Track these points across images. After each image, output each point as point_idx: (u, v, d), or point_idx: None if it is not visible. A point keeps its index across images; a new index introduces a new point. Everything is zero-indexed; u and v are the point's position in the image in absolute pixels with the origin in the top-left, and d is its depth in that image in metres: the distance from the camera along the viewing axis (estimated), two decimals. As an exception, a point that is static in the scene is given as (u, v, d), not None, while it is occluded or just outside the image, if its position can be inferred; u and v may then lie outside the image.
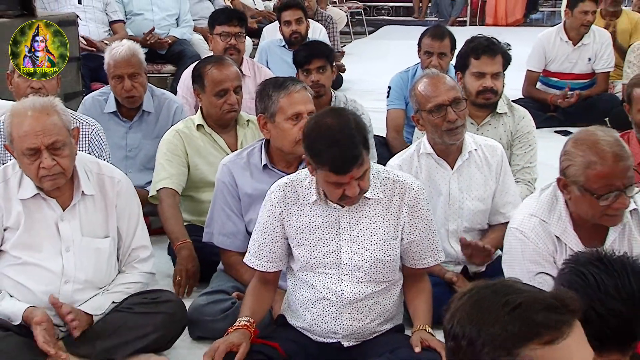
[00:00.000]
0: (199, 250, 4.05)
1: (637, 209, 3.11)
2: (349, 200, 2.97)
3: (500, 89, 4.48)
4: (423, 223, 3.16)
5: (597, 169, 2.84)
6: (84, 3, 7.11)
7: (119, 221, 3.44)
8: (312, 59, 4.90)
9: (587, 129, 3.01)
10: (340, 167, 2.86)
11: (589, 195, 2.89)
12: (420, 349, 3.02)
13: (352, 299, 3.11)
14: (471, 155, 3.83)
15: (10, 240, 3.30)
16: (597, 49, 7.16)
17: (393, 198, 3.11)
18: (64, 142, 3.19)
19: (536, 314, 1.49)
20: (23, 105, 3.25)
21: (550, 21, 14.39)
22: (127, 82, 4.81)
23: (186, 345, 3.59)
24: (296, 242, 3.14)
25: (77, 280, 3.33)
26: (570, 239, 3.08)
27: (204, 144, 4.40)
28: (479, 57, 4.45)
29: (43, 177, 3.18)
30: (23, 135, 3.15)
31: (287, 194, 3.14)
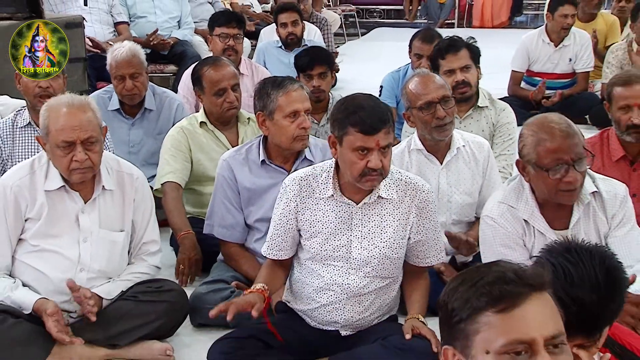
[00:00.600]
0: (200, 242, 4.05)
1: (598, 191, 3.14)
2: (370, 178, 2.93)
3: (473, 80, 4.49)
4: (430, 224, 3.16)
5: (546, 145, 2.93)
6: (89, 5, 7.09)
7: (134, 215, 3.46)
8: (315, 64, 4.88)
9: (539, 115, 3.13)
10: (369, 125, 2.87)
11: (541, 172, 2.96)
12: (410, 336, 3.02)
13: (356, 292, 3.11)
14: (459, 151, 3.84)
15: (31, 230, 3.31)
16: (577, 50, 7.19)
17: (404, 199, 3.11)
18: (97, 139, 3.23)
19: (493, 286, 1.59)
20: (59, 100, 3.29)
21: (533, 24, 14.37)
22: (129, 82, 4.82)
23: (188, 332, 3.59)
24: (309, 234, 3.13)
25: (92, 269, 3.34)
26: (538, 222, 3.14)
27: (207, 141, 4.40)
28: (444, 56, 4.50)
29: (74, 169, 3.21)
30: (60, 129, 3.18)
31: (303, 187, 3.12)
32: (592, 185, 3.13)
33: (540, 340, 1.58)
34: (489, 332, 1.60)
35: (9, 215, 3.28)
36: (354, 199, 3.07)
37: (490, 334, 1.59)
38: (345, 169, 2.99)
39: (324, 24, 9.11)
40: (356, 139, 2.90)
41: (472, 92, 4.50)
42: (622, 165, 3.82)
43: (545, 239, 3.11)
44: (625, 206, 3.16)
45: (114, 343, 3.35)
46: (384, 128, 2.89)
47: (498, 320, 1.59)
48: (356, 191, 3.06)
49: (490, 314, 1.59)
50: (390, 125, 2.94)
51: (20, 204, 3.29)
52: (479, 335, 1.61)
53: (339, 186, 3.07)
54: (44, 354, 3.23)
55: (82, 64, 6.07)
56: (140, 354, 3.36)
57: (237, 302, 2.99)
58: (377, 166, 2.90)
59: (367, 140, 2.89)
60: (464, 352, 1.64)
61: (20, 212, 3.29)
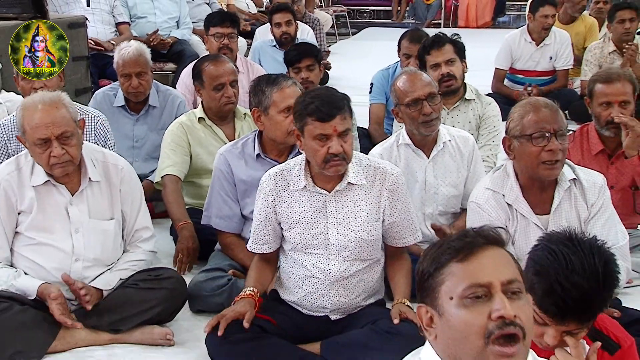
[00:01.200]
0: (198, 232, 4.04)
1: (578, 178, 3.17)
2: (333, 164, 2.97)
3: (458, 73, 4.53)
4: (402, 205, 3.17)
5: (531, 116, 3.03)
6: (92, 6, 7.08)
7: (122, 205, 3.45)
8: (302, 57, 4.90)
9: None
10: (324, 113, 2.93)
11: (525, 142, 3.02)
12: (398, 320, 3.04)
13: (339, 277, 3.11)
14: (445, 145, 3.85)
15: (25, 223, 3.30)
16: (558, 49, 7.22)
17: (375, 183, 3.12)
18: (72, 133, 3.21)
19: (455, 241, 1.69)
20: (33, 99, 3.27)
21: (516, 24, 14.38)
22: (135, 80, 4.81)
23: (186, 317, 3.59)
24: (288, 225, 3.14)
25: (87, 258, 3.33)
26: (521, 206, 3.17)
27: (205, 135, 4.40)
28: (429, 52, 4.55)
29: (53, 164, 3.19)
30: (35, 127, 3.16)
31: (278, 182, 3.14)
32: (572, 173, 3.16)
33: (497, 284, 1.63)
34: (451, 280, 1.66)
35: (1, 209, 3.28)
36: (326, 188, 3.09)
37: (452, 282, 1.65)
38: (311, 158, 3.04)
39: (317, 24, 9.10)
40: (315, 128, 2.95)
41: (458, 84, 4.53)
42: (601, 159, 3.83)
43: (528, 223, 3.18)
44: (604, 195, 3.19)
45: (116, 328, 3.35)
46: (339, 114, 2.95)
47: (459, 269, 1.65)
48: (327, 180, 3.08)
49: (452, 264, 1.66)
50: (345, 112, 2.98)
51: (10, 198, 3.28)
52: (444, 285, 1.67)
53: (311, 177, 3.10)
54: (50, 338, 3.23)
55: (85, 62, 6.07)
56: (141, 339, 3.36)
57: (228, 314, 3.03)
58: (337, 151, 2.94)
59: (325, 127, 2.94)
60: (433, 305, 1.69)
61: (11, 205, 3.28)
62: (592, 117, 3.84)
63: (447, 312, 1.65)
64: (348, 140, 2.99)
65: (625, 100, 3.74)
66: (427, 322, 1.71)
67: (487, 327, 1.60)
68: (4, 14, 5.50)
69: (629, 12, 6.66)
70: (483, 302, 1.62)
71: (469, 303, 1.63)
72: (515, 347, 1.60)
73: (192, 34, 7.80)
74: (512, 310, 1.60)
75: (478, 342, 1.61)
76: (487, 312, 1.61)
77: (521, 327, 1.61)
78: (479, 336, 1.61)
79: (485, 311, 1.61)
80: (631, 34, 6.72)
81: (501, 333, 1.59)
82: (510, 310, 1.60)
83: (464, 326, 1.62)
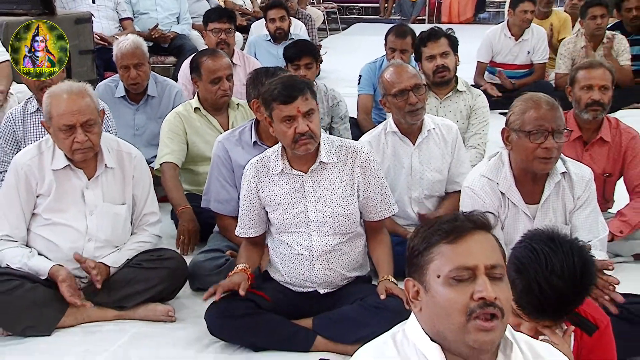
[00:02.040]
0: (197, 215, 4.05)
1: (567, 172, 3.16)
2: (302, 142, 2.99)
3: (451, 65, 4.55)
4: (375, 180, 3.18)
5: (532, 113, 3.00)
6: (97, 2, 7.06)
7: (134, 190, 3.46)
8: (302, 56, 4.85)
9: (530, 92, 3.20)
10: (286, 95, 2.96)
11: (523, 137, 3.01)
12: (385, 296, 3.05)
13: (321, 251, 3.12)
14: (430, 133, 3.85)
15: (42, 205, 3.31)
16: (535, 44, 7.24)
17: (347, 161, 3.13)
18: (94, 121, 3.23)
19: (446, 224, 1.70)
20: (60, 88, 3.28)
21: (495, 20, 14.37)
22: (133, 71, 4.79)
23: (187, 295, 3.59)
24: (271, 208, 3.15)
25: (98, 239, 3.35)
26: (514, 195, 3.17)
27: (201, 124, 4.38)
28: (426, 44, 4.57)
29: (76, 150, 3.21)
30: (61, 114, 3.18)
31: (259, 169, 3.15)
32: (563, 167, 3.16)
33: (481, 267, 1.65)
34: (440, 259, 1.68)
35: (21, 191, 3.29)
36: (302, 169, 3.10)
37: (441, 261, 1.67)
38: (282, 141, 3.06)
39: (309, 19, 9.07)
40: (280, 111, 2.99)
41: (451, 76, 4.55)
42: (577, 145, 3.83)
43: (518, 211, 3.18)
44: (590, 188, 3.19)
45: (121, 305, 3.35)
46: (300, 96, 2.98)
47: (447, 250, 1.67)
48: (302, 162, 3.10)
49: (442, 245, 1.68)
50: (307, 93, 3.01)
51: (31, 181, 3.29)
52: (432, 264, 1.69)
53: (287, 161, 3.11)
54: (59, 314, 3.24)
55: (91, 55, 6.04)
56: (145, 315, 3.36)
57: (224, 283, 3.05)
58: (304, 130, 2.97)
59: (289, 108, 2.98)
60: (420, 280, 1.71)
61: (31, 188, 3.29)
62: (573, 103, 3.85)
63: (433, 289, 1.68)
64: (314, 120, 3.01)
65: (605, 85, 3.76)
66: (414, 295, 1.74)
67: (469, 306, 1.63)
68: (14, 10, 5.47)
69: (599, 8, 6.69)
70: (467, 283, 1.65)
71: (454, 283, 1.65)
72: (494, 323, 1.63)
73: (192, 29, 7.78)
74: (493, 293, 1.62)
75: (460, 319, 1.64)
76: (470, 293, 1.64)
77: (500, 308, 1.63)
78: (461, 313, 1.63)
79: (469, 291, 1.64)
80: (602, 29, 6.76)
81: (482, 312, 1.62)
82: (492, 292, 1.62)
83: (448, 303, 1.65)
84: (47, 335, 3.20)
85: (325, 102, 4.99)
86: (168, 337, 3.22)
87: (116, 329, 3.27)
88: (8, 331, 3.20)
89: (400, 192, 3.83)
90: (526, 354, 1.75)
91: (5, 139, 4.16)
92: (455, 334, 1.65)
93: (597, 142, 3.84)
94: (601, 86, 3.75)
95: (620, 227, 3.74)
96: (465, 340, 1.64)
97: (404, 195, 3.84)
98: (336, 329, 3.06)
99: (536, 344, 1.81)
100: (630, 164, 3.84)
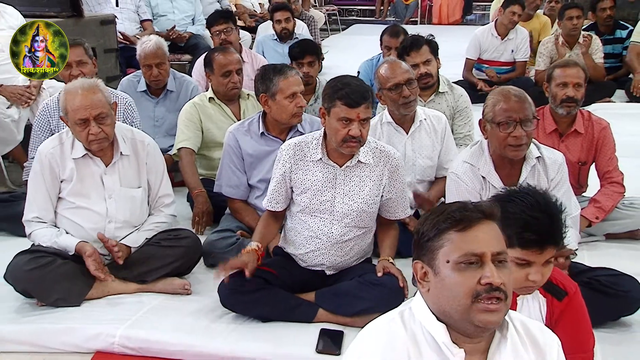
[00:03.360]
0: (211, 198, 4.04)
1: (541, 156, 3.15)
2: (350, 144, 2.94)
3: (434, 71, 4.40)
4: (399, 185, 3.14)
5: (502, 105, 3.01)
6: (120, 6, 7.07)
7: (148, 175, 3.45)
8: (305, 55, 4.83)
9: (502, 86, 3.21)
10: (352, 99, 2.88)
11: (495, 127, 3.01)
12: (382, 273, 3.04)
13: (339, 239, 3.11)
14: (422, 123, 3.84)
15: (66, 190, 3.30)
16: (518, 43, 7.24)
17: (379, 163, 3.09)
18: (107, 114, 3.21)
19: (456, 212, 1.68)
20: (74, 85, 3.26)
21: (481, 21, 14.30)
22: (155, 70, 4.78)
23: (201, 271, 3.58)
24: (300, 190, 3.11)
25: (118, 220, 3.35)
26: (493, 178, 3.16)
27: (215, 112, 4.37)
28: (409, 53, 4.38)
29: (91, 141, 3.21)
30: (75, 109, 3.16)
31: (296, 152, 3.09)
32: (537, 152, 3.15)
33: (488, 254, 1.64)
34: (450, 246, 1.66)
35: (46, 177, 3.29)
36: (338, 162, 3.05)
37: (450, 248, 1.66)
38: (331, 135, 2.98)
39: (311, 21, 9.02)
40: (341, 111, 2.90)
41: (434, 81, 4.44)
42: (553, 137, 3.81)
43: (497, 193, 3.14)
44: (562, 171, 3.18)
45: (142, 279, 3.35)
46: (364, 103, 2.90)
47: (457, 237, 1.66)
48: (340, 156, 3.04)
49: (452, 232, 1.67)
50: (369, 102, 2.93)
51: (54, 168, 3.29)
52: (442, 249, 1.67)
53: (326, 151, 3.05)
54: (87, 287, 3.25)
55: (115, 54, 6.03)
56: (164, 288, 3.36)
57: (233, 262, 3.02)
58: (356, 134, 2.90)
59: (350, 112, 2.89)
60: (430, 264, 1.70)
61: (55, 173, 3.29)
62: (549, 98, 3.83)
63: (443, 273, 1.67)
64: (366, 127, 2.95)
65: (578, 82, 3.73)
66: (422, 276, 1.73)
67: (475, 290, 1.63)
68: (45, 13, 5.44)
69: (575, 10, 6.69)
70: (475, 269, 1.64)
71: (463, 268, 1.64)
72: (498, 305, 1.63)
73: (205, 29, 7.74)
74: (499, 279, 1.63)
75: (466, 301, 1.63)
76: (478, 277, 1.63)
77: (504, 292, 1.63)
78: (467, 296, 1.63)
79: (476, 276, 1.63)
80: (578, 29, 6.76)
81: (487, 296, 1.62)
82: (498, 278, 1.62)
83: (457, 286, 1.64)
84: (76, 305, 3.20)
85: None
86: (184, 308, 3.21)
87: (137, 301, 3.26)
88: (42, 302, 3.20)
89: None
90: (520, 332, 1.76)
91: (41, 127, 4.16)
92: (461, 314, 1.64)
93: (571, 134, 3.83)
94: (575, 83, 3.72)
95: (596, 213, 3.74)
96: (471, 320, 1.63)
97: (398, 181, 3.83)
98: (336, 303, 3.05)
99: (529, 322, 1.81)
100: (601, 152, 3.83)
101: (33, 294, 3.21)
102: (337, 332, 2.96)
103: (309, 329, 3.00)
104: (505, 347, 1.71)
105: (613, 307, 2.97)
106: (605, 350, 2.79)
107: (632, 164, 4.37)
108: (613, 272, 3.05)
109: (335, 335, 2.94)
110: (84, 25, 5.66)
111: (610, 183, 3.82)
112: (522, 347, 1.73)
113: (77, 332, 2.99)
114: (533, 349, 1.75)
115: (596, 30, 7.34)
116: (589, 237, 3.86)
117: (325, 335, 2.93)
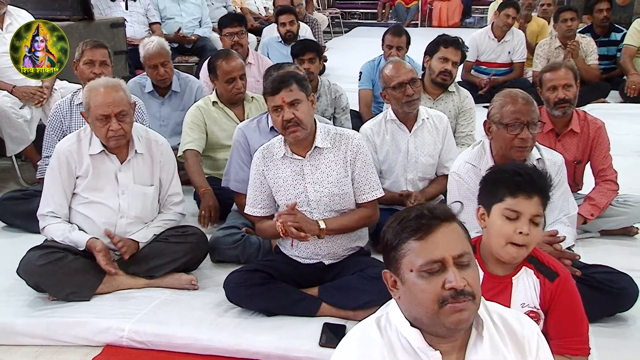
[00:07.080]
0: (217, 196, 4.04)
1: (542, 158, 3.13)
2: (291, 130, 2.97)
3: (454, 73, 4.49)
4: (361, 164, 3.11)
5: (510, 107, 2.98)
6: (129, 9, 7.08)
7: (161, 173, 3.46)
8: (305, 52, 4.85)
9: (508, 89, 3.17)
10: (272, 88, 2.98)
11: (502, 128, 2.99)
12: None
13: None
14: (424, 122, 3.84)
15: (81, 185, 3.31)
16: (515, 45, 7.27)
17: (340, 147, 3.10)
18: (127, 112, 3.23)
19: (413, 221, 1.65)
20: (98, 83, 3.29)
21: (480, 24, 14.25)
22: (161, 69, 4.78)
23: (208, 266, 3.58)
24: (275, 189, 3.13)
25: (129, 216, 3.35)
26: None
27: (219, 116, 4.36)
28: (448, 47, 4.45)
29: (110, 137, 3.22)
30: (98, 105, 3.19)
31: (265, 154, 3.13)
32: (538, 154, 3.12)
33: (449, 259, 1.62)
34: (411, 255, 1.64)
35: (62, 174, 3.29)
36: (301, 154, 3.08)
37: (412, 257, 1.64)
38: (277, 129, 3.05)
39: (315, 23, 9.03)
40: (270, 101, 3.00)
41: (450, 82, 4.48)
42: (550, 136, 3.80)
43: None
44: (561, 172, 3.16)
45: (150, 275, 3.35)
46: (285, 87, 2.97)
47: (417, 246, 1.64)
48: (301, 148, 3.07)
49: (411, 241, 1.65)
50: (291, 85, 2.98)
51: (71, 164, 3.29)
52: (405, 259, 1.65)
53: (288, 147, 3.08)
54: (97, 282, 3.25)
55: (124, 55, 6.03)
56: (171, 283, 3.35)
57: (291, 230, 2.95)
58: (288, 117, 2.95)
59: (274, 99, 2.98)
60: (396, 273, 1.69)
61: (71, 170, 3.30)
62: (544, 101, 3.81)
63: (408, 281, 1.65)
64: (300, 109, 2.97)
65: (567, 83, 3.69)
66: (392, 284, 1.72)
67: (441, 295, 1.61)
68: (57, 16, 5.44)
69: (570, 13, 6.72)
70: (438, 274, 1.62)
71: (426, 275, 1.62)
72: (465, 303, 1.61)
73: (212, 31, 7.76)
74: (462, 281, 1.61)
75: (433, 306, 1.62)
76: (442, 282, 1.61)
77: (470, 292, 1.62)
78: (434, 302, 1.61)
79: (440, 281, 1.61)
80: (572, 30, 6.77)
81: (453, 301, 1.60)
82: (461, 281, 1.61)
83: (422, 294, 1.63)
84: (87, 300, 3.19)
85: (328, 95, 4.98)
86: (191, 303, 3.21)
87: (146, 295, 3.26)
88: (54, 296, 3.20)
89: (397, 173, 3.83)
90: (497, 325, 1.74)
91: (53, 127, 4.16)
92: (431, 319, 1.63)
93: (567, 134, 3.81)
94: (564, 85, 3.69)
95: (591, 210, 3.73)
96: (442, 322, 1.62)
97: (400, 177, 3.84)
98: (339, 297, 3.05)
99: (508, 314, 1.79)
100: (596, 151, 3.81)
101: (45, 288, 3.21)
102: (340, 326, 2.95)
103: (312, 323, 2.99)
104: (481, 342, 1.70)
105: (608, 304, 2.96)
106: (599, 342, 2.78)
107: (626, 162, 4.37)
108: (608, 269, 3.03)
109: (337, 329, 2.92)
110: (94, 28, 5.66)
111: (605, 181, 3.81)
112: (500, 341, 1.72)
113: (88, 326, 2.99)
114: (512, 341, 1.74)
115: (592, 32, 7.35)
116: (584, 233, 3.85)
117: (328, 329, 2.92)
